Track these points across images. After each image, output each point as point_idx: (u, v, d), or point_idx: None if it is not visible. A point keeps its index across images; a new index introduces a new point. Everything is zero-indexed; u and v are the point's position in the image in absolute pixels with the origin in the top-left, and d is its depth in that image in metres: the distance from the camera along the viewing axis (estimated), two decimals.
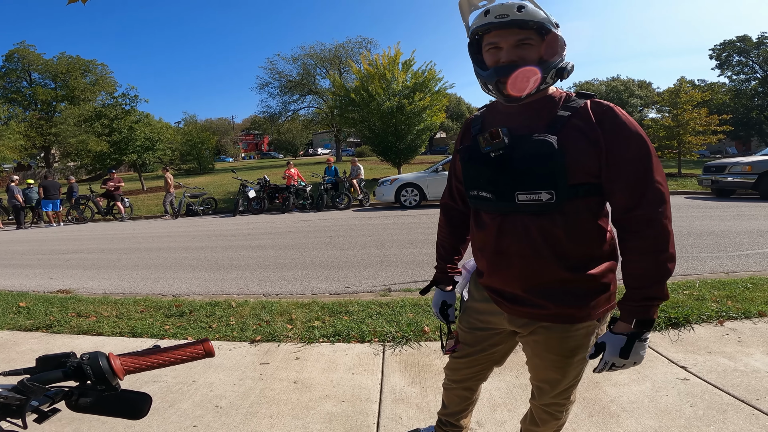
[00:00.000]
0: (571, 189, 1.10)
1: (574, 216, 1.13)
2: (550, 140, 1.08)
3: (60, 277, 5.92)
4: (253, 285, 4.95)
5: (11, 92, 36.30)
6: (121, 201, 14.43)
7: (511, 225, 1.17)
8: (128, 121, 20.50)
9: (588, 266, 1.17)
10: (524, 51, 1.10)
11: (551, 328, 1.22)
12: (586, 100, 1.14)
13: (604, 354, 1.14)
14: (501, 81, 1.11)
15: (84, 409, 0.72)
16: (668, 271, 1.09)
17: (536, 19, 1.08)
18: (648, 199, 1.08)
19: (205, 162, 30.28)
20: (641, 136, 1.09)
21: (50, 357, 0.74)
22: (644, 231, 1.09)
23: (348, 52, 33.63)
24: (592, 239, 1.17)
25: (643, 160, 1.09)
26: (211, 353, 0.81)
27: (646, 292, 1.10)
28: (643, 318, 1.11)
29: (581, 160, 1.09)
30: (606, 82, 55.07)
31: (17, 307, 4.11)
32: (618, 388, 2.29)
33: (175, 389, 2.46)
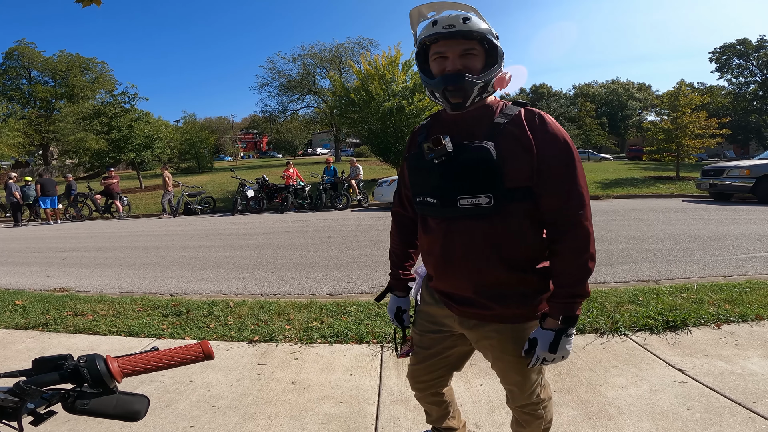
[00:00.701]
0: (508, 193, 1.16)
1: (513, 219, 1.18)
2: (487, 146, 1.15)
3: (57, 275, 5.89)
4: (251, 285, 4.93)
5: (10, 89, 36.21)
6: (119, 199, 14.39)
7: (456, 229, 1.23)
8: (127, 119, 20.46)
9: (529, 267, 1.24)
10: (468, 60, 1.17)
11: (501, 330, 1.27)
12: (520, 108, 1.22)
13: (536, 349, 1.19)
14: (448, 89, 1.17)
15: (81, 411, 0.71)
16: (589, 270, 1.17)
17: (479, 30, 1.15)
18: (571, 202, 1.16)
19: (203, 161, 30.24)
20: (567, 143, 1.17)
21: (47, 359, 0.74)
22: (568, 232, 1.16)
23: (348, 52, 33.61)
24: (532, 241, 1.22)
25: (568, 166, 1.17)
26: (210, 356, 0.80)
27: (570, 290, 1.16)
28: (568, 314, 1.17)
29: (516, 164, 1.15)
30: (605, 84, 55.21)
31: (13, 305, 4.09)
32: (616, 391, 2.30)
33: (172, 389, 2.45)
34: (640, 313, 3.20)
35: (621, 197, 13.57)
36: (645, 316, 3.14)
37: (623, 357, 2.69)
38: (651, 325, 3.05)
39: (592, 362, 2.64)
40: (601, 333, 3.02)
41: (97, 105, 24.50)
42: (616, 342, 2.91)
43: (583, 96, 49.53)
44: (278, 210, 13.42)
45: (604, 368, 2.56)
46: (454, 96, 1.18)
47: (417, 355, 1.51)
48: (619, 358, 2.68)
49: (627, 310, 3.29)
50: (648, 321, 3.09)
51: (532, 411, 1.42)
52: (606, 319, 3.17)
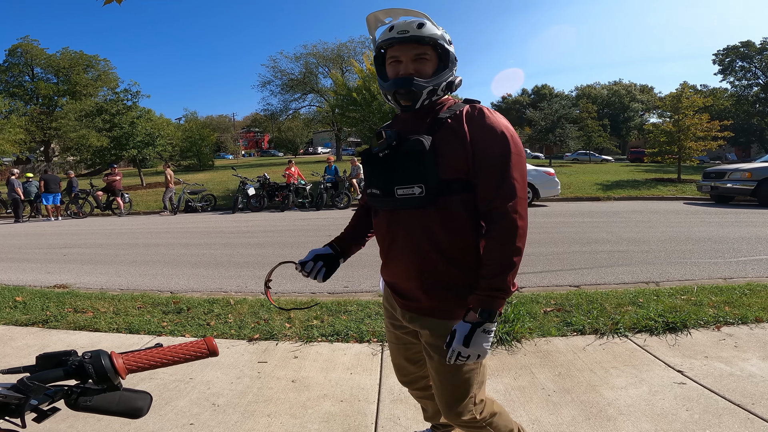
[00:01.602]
0: (444, 184, 1.19)
1: (448, 210, 1.21)
2: (421, 139, 1.19)
3: (57, 271, 5.90)
4: (251, 283, 4.94)
5: (13, 86, 36.23)
6: (120, 196, 14.40)
7: (396, 219, 1.28)
8: (129, 116, 20.48)
9: (465, 260, 1.24)
10: (420, 65, 1.23)
11: (434, 326, 1.28)
12: (466, 105, 1.25)
13: (453, 342, 1.16)
14: (398, 92, 1.23)
15: (84, 408, 0.71)
16: (512, 264, 1.15)
17: (431, 35, 1.20)
18: (502, 193, 1.16)
19: (204, 158, 30.27)
20: (504, 135, 1.18)
21: (51, 355, 0.73)
22: (496, 223, 1.16)
23: (350, 51, 33.61)
24: (467, 234, 1.23)
25: (502, 157, 1.17)
26: (215, 352, 0.80)
27: (490, 282, 1.14)
28: (486, 308, 1.14)
29: (452, 157, 1.19)
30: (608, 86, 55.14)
31: (13, 302, 4.10)
32: (615, 392, 2.30)
33: (172, 387, 2.45)
34: (640, 315, 3.20)
35: (622, 199, 13.57)
36: (645, 318, 3.15)
37: (623, 358, 2.69)
38: (651, 327, 3.05)
39: (591, 363, 2.64)
40: (601, 334, 3.02)
41: (100, 102, 24.53)
42: (615, 343, 2.91)
43: (585, 97, 49.46)
44: (279, 208, 13.43)
45: (604, 369, 2.56)
46: (405, 98, 1.23)
47: (392, 350, 1.55)
48: (618, 359, 2.68)
49: (627, 312, 3.30)
50: (648, 322, 3.09)
51: (473, 427, 1.36)
52: (606, 320, 3.17)
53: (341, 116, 19.31)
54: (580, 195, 14.07)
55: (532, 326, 3.10)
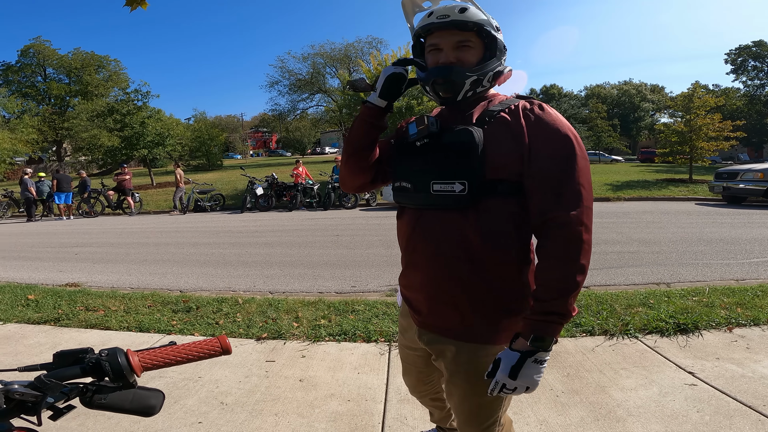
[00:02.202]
0: (489, 184, 1.04)
1: (490, 215, 1.05)
2: (471, 130, 1.06)
3: (69, 270, 5.98)
4: (259, 282, 4.97)
5: (25, 87, 36.66)
6: (131, 196, 14.56)
7: (425, 221, 1.12)
8: (140, 116, 20.71)
9: (503, 278, 1.08)
10: (463, 53, 1.09)
11: (458, 350, 1.12)
12: (522, 100, 1.12)
13: (497, 372, 1.02)
14: (437, 82, 1.10)
15: (99, 406, 0.71)
16: (575, 285, 0.98)
17: (475, 20, 1.07)
18: (564, 201, 1.00)
19: (213, 158, 30.49)
20: (568, 136, 1.04)
21: (68, 352, 0.73)
22: (555, 237, 1.00)
23: (358, 51, 33.66)
24: (513, 246, 1.08)
25: (565, 160, 1.02)
26: (228, 350, 0.80)
27: (548, 306, 0.98)
28: (540, 335, 0.98)
29: (502, 154, 1.04)
30: (617, 86, 54.57)
31: (26, 300, 4.16)
32: (625, 393, 2.29)
33: (181, 385, 2.47)
34: (650, 316, 3.18)
35: (632, 200, 13.42)
36: (656, 319, 3.12)
37: (633, 359, 2.67)
38: (662, 328, 3.02)
39: (601, 364, 2.62)
40: (611, 335, 3.00)
41: (111, 102, 24.83)
42: (625, 344, 2.89)
43: (595, 97, 49.03)
44: (287, 208, 13.49)
45: (614, 370, 2.54)
46: (444, 89, 1.10)
47: (404, 369, 1.47)
48: (628, 360, 2.67)
49: (637, 313, 3.27)
50: (659, 324, 3.06)
51: None
52: (616, 321, 3.15)
53: (349, 116, 19.34)
54: None
55: None
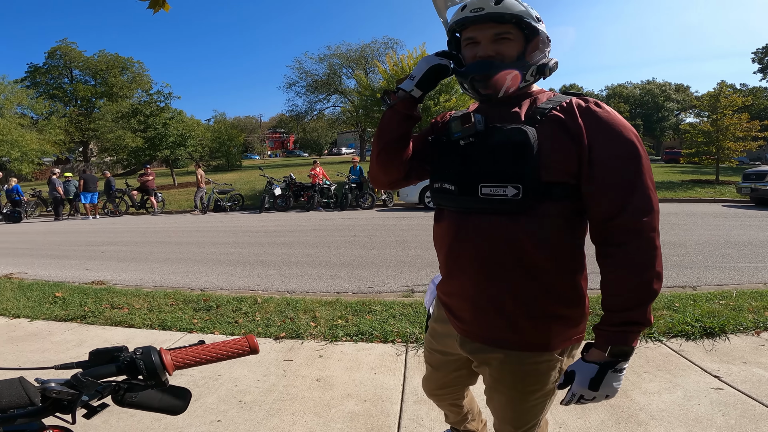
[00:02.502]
0: (543, 187, 0.98)
1: (543, 220, 1.00)
2: (525, 129, 0.99)
3: (95, 268, 6.16)
4: (278, 282, 5.02)
5: (53, 88, 37.78)
6: (154, 195, 14.90)
7: (471, 225, 1.05)
8: (162, 117, 21.16)
9: (555, 285, 1.04)
10: (502, 46, 1.03)
11: (505, 358, 1.09)
12: (573, 97, 1.05)
13: (573, 384, 1.01)
14: (475, 78, 1.04)
15: (129, 404, 0.72)
16: (653, 293, 0.95)
17: (513, 12, 1.00)
18: (633, 206, 0.95)
19: (233, 159, 30.98)
20: (631, 135, 0.99)
21: (103, 351, 0.74)
22: (627, 244, 0.95)
23: (374, 52, 33.77)
24: (563, 252, 1.03)
25: (630, 162, 0.97)
26: (255, 350, 0.80)
27: (625, 316, 0.96)
28: (620, 346, 0.97)
29: (559, 155, 0.98)
30: (640, 85, 53.34)
31: (53, 297, 4.29)
32: (647, 396, 2.25)
33: (201, 383, 2.52)
34: (675, 319, 3.11)
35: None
36: (681, 322, 3.06)
37: (656, 363, 2.63)
38: (687, 332, 2.96)
39: None
40: None
41: (135, 104, 25.46)
42: (649, 348, 2.84)
43: (617, 97, 48.01)
44: (304, 208, 13.60)
45: (636, 373, 2.50)
46: (483, 86, 1.04)
47: (428, 373, 1.43)
48: (652, 363, 2.62)
49: (662, 316, 3.20)
50: (684, 327, 3.00)
51: None
52: None
53: (365, 117, 19.43)
54: None
55: None
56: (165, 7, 2.04)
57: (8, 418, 0.64)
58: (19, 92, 28.41)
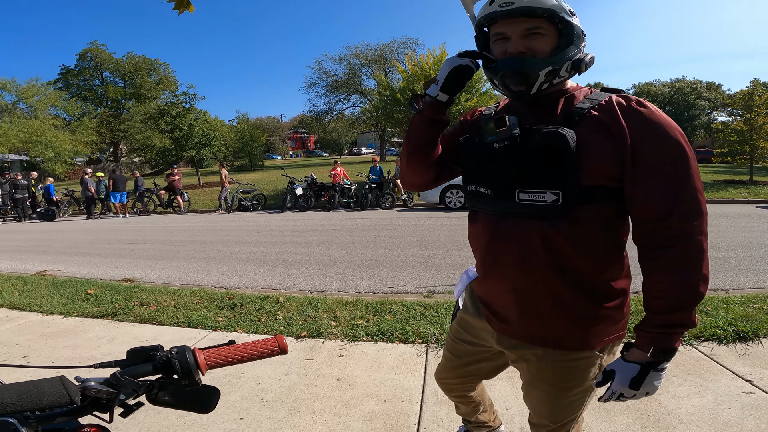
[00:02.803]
0: (584, 191, 0.96)
1: (583, 224, 0.98)
2: (564, 132, 0.96)
3: (125, 266, 6.37)
4: (299, 281, 5.09)
5: (84, 90, 38.99)
6: (180, 195, 15.28)
7: (509, 229, 1.04)
8: (188, 118, 21.67)
9: (595, 286, 1.04)
10: (534, 41, 0.99)
11: (544, 355, 1.09)
12: (611, 94, 1.02)
13: (612, 383, 1.02)
14: (506, 75, 1.01)
15: (162, 402, 0.73)
16: (699, 296, 0.94)
17: (545, 6, 0.97)
18: (681, 209, 0.93)
19: (255, 159, 31.47)
20: (678, 135, 0.95)
21: (140, 350, 0.76)
22: (674, 247, 0.94)
23: (393, 52, 33.74)
24: (604, 254, 1.03)
25: (678, 163, 0.94)
26: (285, 350, 0.81)
27: (670, 318, 0.95)
28: (663, 347, 0.97)
29: (600, 158, 0.95)
30: (669, 83, 51.70)
31: (86, 294, 4.46)
32: (676, 400, 2.20)
33: (225, 381, 2.57)
34: (707, 323, 3.03)
35: None
36: (713, 326, 2.98)
37: (687, 366, 2.57)
38: (719, 336, 2.89)
39: None
40: None
41: (162, 105, 26.16)
42: (679, 351, 2.76)
43: (645, 95, 46.61)
44: (325, 208, 13.72)
45: (665, 377, 2.43)
46: (515, 83, 1.01)
47: (447, 361, 1.43)
48: (681, 367, 2.56)
49: None
50: (716, 331, 2.93)
51: None
52: None
53: (385, 117, 19.43)
54: None
55: None
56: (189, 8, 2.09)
57: (48, 417, 0.66)
58: (53, 94, 29.35)
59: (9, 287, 4.86)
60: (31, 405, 0.63)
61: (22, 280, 5.20)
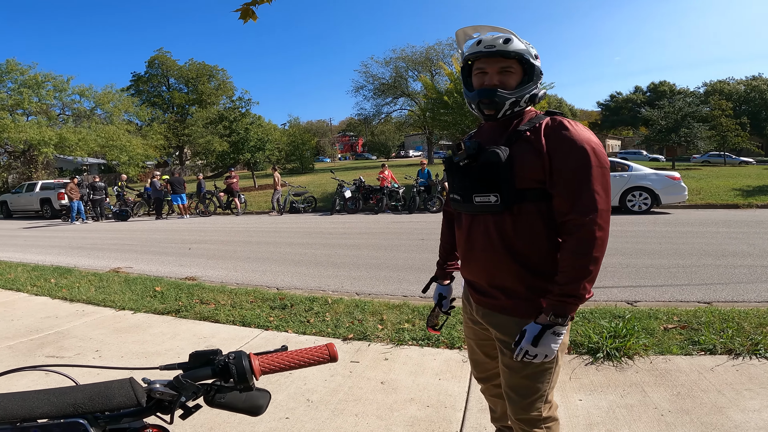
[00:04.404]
0: (519, 193, 1.26)
1: (523, 217, 1.28)
2: (498, 150, 1.27)
3: (188, 264, 6.82)
4: (347, 283, 5.21)
5: (153, 96, 41.18)
6: (238, 197, 16.05)
7: (477, 223, 1.37)
8: (244, 123, 22.72)
9: (539, 264, 1.29)
10: (505, 77, 1.30)
11: (506, 323, 1.34)
12: (547, 117, 1.29)
13: (522, 340, 1.23)
14: (482, 102, 1.31)
15: (218, 405, 0.77)
16: (587, 272, 1.18)
17: (517, 50, 1.27)
18: (579, 205, 1.19)
19: (306, 162, 32.39)
20: (584, 148, 1.21)
21: (201, 353, 0.79)
22: (574, 234, 1.20)
23: (439, 54, 33.52)
24: (542, 239, 1.29)
25: (580, 170, 1.20)
26: (335, 358, 0.84)
27: (564, 289, 1.20)
28: (558, 313, 1.20)
29: (527, 168, 1.25)
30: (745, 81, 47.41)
31: (153, 291, 4.81)
32: (746, 414, 2.07)
33: (273, 380, 2.67)
34: None
35: (766, 207, 11.53)
36: None
37: (760, 380, 2.40)
38: None
39: (720, 384, 2.38)
40: (737, 355, 2.71)
41: (220, 110, 27.56)
42: (753, 365, 2.59)
43: (717, 94, 42.89)
44: (373, 211, 13.87)
45: (735, 391, 2.30)
46: (488, 108, 1.31)
47: (468, 346, 1.64)
48: (755, 381, 2.39)
49: None
50: None
51: (529, 428, 1.38)
52: (743, 340, 2.82)
53: (432, 119, 19.33)
54: (713, 202, 12.19)
55: (648, 343, 2.87)
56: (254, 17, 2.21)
57: (116, 417, 0.69)
58: (126, 100, 31.21)
59: (86, 283, 5.35)
60: (101, 406, 0.67)
61: (98, 277, 5.70)
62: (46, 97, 26.30)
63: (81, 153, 25.06)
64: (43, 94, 26.01)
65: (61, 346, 3.42)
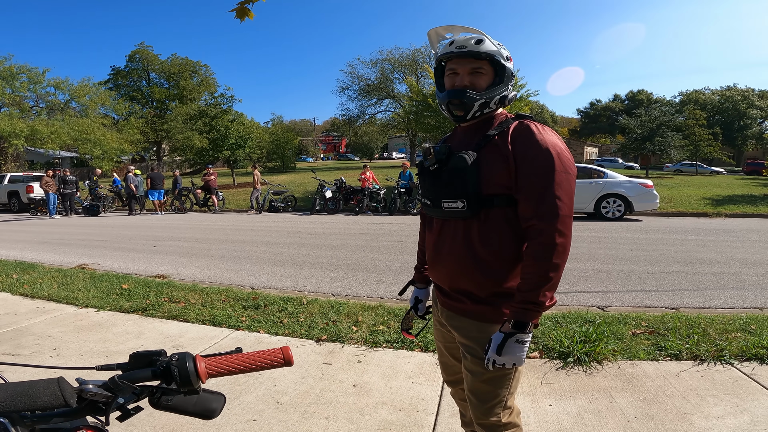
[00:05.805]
0: (486, 199, 1.25)
1: (490, 222, 1.27)
2: (465, 156, 1.26)
3: (159, 262, 6.62)
4: (323, 284, 5.13)
5: (132, 90, 40.47)
6: (215, 194, 15.77)
7: (446, 228, 1.36)
8: (225, 120, 22.37)
9: (502, 271, 1.28)
10: (476, 78, 1.29)
11: (468, 327, 1.33)
12: (516, 122, 1.28)
13: (489, 349, 1.22)
14: (452, 102, 1.30)
15: (165, 407, 0.74)
16: (547, 279, 1.16)
17: (488, 51, 1.26)
18: (541, 211, 1.18)
19: (287, 161, 32.09)
20: (549, 153, 1.19)
21: (143, 354, 0.76)
22: (533, 239, 1.19)
23: (425, 56, 33.61)
24: (509, 246, 1.27)
25: (543, 175, 1.19)
26: (290, 362, 0.80)
27: (524, 296, 1.18)
28: (520, 320, 1.18)
29: (494, 173, 1.24)
30: (719, 91, 49.23)
31: (120, 289, 4.64)
32: (709, 421, 2.10)
33: (242, 381, 2.60)
34: (750, 342, 2.87)
35: (735, 216, 11.93)
36: (756, 346, 2.83)
37: (724, 386, 2.44)
38: (762, 355, 2.74)
39: (685, 390, 2.42)
40: (701, 360, 2.76)
41: (201, 106, 27.07)
42: (717, 371, 2.64)
43: (692, 103, 44.45)
44: (353, 212, 13.81)
45: (700, 396, 2.33)
46: (457, 109, 1.31)
47: (438, 348, 1.63)
48: (719, 387, 2.44)
49: (735, 339, 2.96)
50: (759, 351, 2.78)
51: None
52: (709, 346, 2.88)
53: (416, 122, 19.38)
54: (684, 210, 12.57)
55: (616, 348, 2.91)
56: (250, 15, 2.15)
57: (44, 417, 0.67)
58: (103, 94, 30.48)
59: (49, 279, 5.13)
60: (25, 405, 0.64)
61: (62, 273, 5.47)
62: (20, 89, 25.53)
63: (53, 146, 24.30)
64: (17, 86, 25.21)
65: (18, 344, 3.25)
